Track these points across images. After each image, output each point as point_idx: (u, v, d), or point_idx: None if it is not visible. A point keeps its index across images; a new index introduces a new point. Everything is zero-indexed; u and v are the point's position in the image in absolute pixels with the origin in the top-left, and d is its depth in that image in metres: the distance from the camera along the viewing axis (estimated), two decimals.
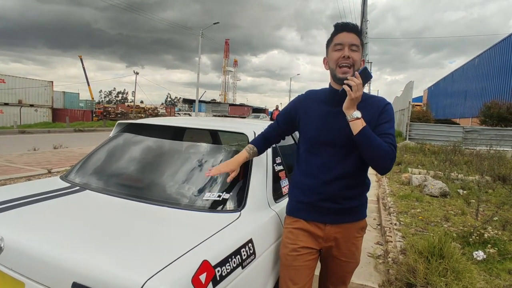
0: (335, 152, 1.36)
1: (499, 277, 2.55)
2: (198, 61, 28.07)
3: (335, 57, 1.33)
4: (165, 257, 1.02)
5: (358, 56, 1.32)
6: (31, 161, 6.87)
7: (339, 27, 1.34)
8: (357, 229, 1.45)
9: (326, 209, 1.38)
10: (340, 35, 1.33)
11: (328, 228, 1.40)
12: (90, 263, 1.00)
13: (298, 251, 1.39)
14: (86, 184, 1.72)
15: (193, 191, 1.55)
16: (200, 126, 2.02)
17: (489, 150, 9.21)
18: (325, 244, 1.42)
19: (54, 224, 1.27)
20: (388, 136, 1.30)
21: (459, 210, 4.36)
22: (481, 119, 16.61)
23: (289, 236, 1.44)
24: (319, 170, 1.37)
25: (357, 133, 1.25)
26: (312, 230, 1.41)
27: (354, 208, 1.41)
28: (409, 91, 14.70)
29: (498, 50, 21.95)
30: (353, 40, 1.31)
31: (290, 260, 1.40)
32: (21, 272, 1.09)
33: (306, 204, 1.41)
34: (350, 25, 1.34)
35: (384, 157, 1.25)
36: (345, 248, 1.43)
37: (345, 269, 1.48)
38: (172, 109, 45.11)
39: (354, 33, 1.33)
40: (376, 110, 1.36)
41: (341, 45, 1.31)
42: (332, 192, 1.36)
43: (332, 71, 1.36)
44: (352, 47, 1.31)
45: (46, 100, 22.21)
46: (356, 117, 1.26)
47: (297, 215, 1.44)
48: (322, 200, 1.37)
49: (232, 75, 75.39)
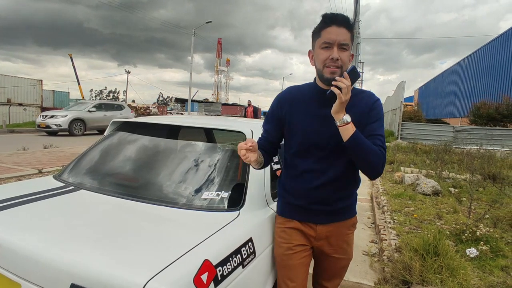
0: (325, 155, 1.30)
1: (492, 273, 2.59)
2: (191, 60, 27.94)
3: (322, 57, 1.21)
4: (166, 257, 1.00)
5: (347, 56, 1.22)
6: (21, 161, 6.73)
7: (328, 20, 1.20)
8: (348, 226, 1.44)
9: (318, 211, 1.37)
10: (328, 30, 1.19)
11: (319, 228, 1.39)
12: (89, 264, 0.98)
13: (293, 249, 1.38)
14: (81, 183, 1.68)
15: (191, 190, 1.53)
16: (197, 125, 2.00)
17: (479, 149, 9.37)
18: (316, 242, 1.41)
19: (50, 224, 1.24)
20: (378, 138, 1.23)
21: (451, 208, 4.42)
22: (470, 119, 16.90)
23: (282, 236, 1.42)
24: (309, 175, 1.32)
25: (348, 139, 1.17)
26: (304, 230, 1.40)
27: (346, 208, 1.41)
28: (401, 91, 14.86)
29: (487, 51, 22.36)
30: (343, 38, 1.18)
31: (286, 259, 1.38)
32: (17, 273, 1.05)
33: (297, 206, 1.39)
34: (340, 18, 1.19)
35: (376, 162, 1.20)
36: (337, 245, 1.42)
37: (338, 265, 1.48)
38: (164, 108, 44.79)
39: (345, 27, 1.19)
40: (365, 107, 1.27)
41: (330, 44, 1.19)
42: (323, 196, 1.34)
43: (319, 70, 1.26)
44: (341, 46, 1.19)
45: (35, 99, 21.81)
46: (346, 121, 1.17)
47: (290, 216, 1.42)
48: (313, 203, 1.35)
49: (225, 75, 75.23)
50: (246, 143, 1.18)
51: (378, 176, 1.26)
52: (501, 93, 16.90)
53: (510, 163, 8.03)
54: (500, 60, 20.04)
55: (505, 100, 15.42)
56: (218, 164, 1.65)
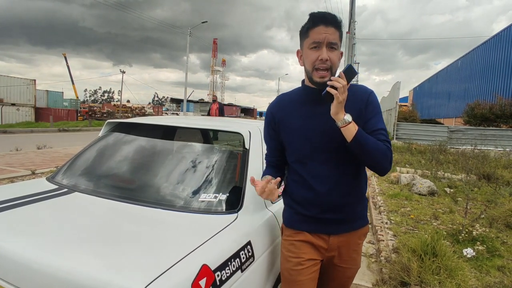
0: (327, 158, 1.24)
1: (489, 274, 2.60)
2: (186, 60, 27.83)
3: (311, 58, 1.18)
4: (163, 262, 0.98)
5: (337, 55, 1.19)
6: (14, 162, 6.63)
7: (316, 19, 1.16)
8: (360, 235, 1.37)
9: (329, 220, 1.28)
10: (317, 30, 1.16)
11: (332, 239, 1.31)
12: (83, 270, 0.94)
13: (303, 265, 1.28)
14: (75, 185, 1.64)
15: (188, 192, 1.50)
16: (193, 125, 1.96)
17: (473, 149, 9.44)
18: (327, 254, 1.34)
19: (42, 229, 1.20)
20: (381, 132, 1.20)
21: (447, 208, 4.44)
22: (465, 119, 17.05)
23: (291, 249, 1.31)
24: (314, 181, 1.25)
25: (352, 140, 1.13)
26: (315, 242, 1.30)
27: (357, 215, 1.33)
28: (396, 91, 14.95)
29: (481, 52, 22.60)
30: (332, 37, 1.16)
31: (295, 275, 1.28)
32: (8, 280, 1.02)
33: (307, 217, 1.29)
34: (328, 17, 1.16)
35: (383, 158, 1.17)
36: (347, 256, 1.35)
37: (346, 275, 1.42)
38: (159, 109, 44.58)
39: (333, 26, 1.16)
40: (361, 102, 1.23)
41: (319, 44, 1.16)
42: (333, 202, 1.26)
43: (308, 72, 1.22)
44: (330, 46, 1.16)
45: (29, 99, 21.56)
46: (348, 121, 1.12)
47: (299, 227, 1.32)
48: (323, 211, 1.27)
49: (221, 75, 75.06)
50: (264, 181, 1.16)
51: (387, 172, 1.22)
52: (495, 94, 17.08)
53: (504, 163, 8.11)
54: (493, 61, 20.26)
55: (499, 100, 15.59)
56: (216, 166, 1.62)
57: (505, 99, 15.60)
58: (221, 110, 10.12)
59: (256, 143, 1.67)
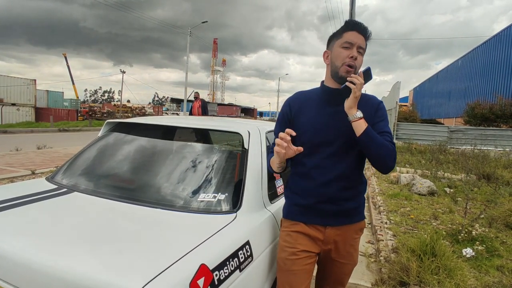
0: (332, 152, 1.33)
1: (488, 273, 2.60)
2: (187, 60, 27.83)
3: (343, 54, 1.29)
4: (161, 262, 0.98)
5: (361, 60, 1.32)
6: (14, 162, 6.64)
7: (351, 25, 1.31)
8: (356, 230, 1.43)
9: (325, 211, 1.35)
10: (350, 33, 1.30)
11: (328, 231, 1.37)
12: (81, 270, 0.95)
13: (297, 255, 1.35)
14: (75, 185, 1.65)
15: (187, 192, 1.51)
16: (193, 125, 1.97)
17: (473, 149, 9.44)
18: (324, 247, 1.39)
19: (41, 229, 1.21)
20: (387, 135, 1.30)
21: (447, 208, 4.44)
22: (465, 119, 17.06)
23: (287, 240, 1.39)
24: (316, 172, 1.34)
25: (361, 134, 1.23)
26: (312, 233, 1.37)
27: (353, 209, 1.39)
28: (396, 91, 14.92)
29: (481, 52, 22.59)
30: (362, 43, 1.30)
31: (289, 265, 1.35)
32: (7, 280, 1.02)
33: (304, 207, 1.37)
34: (362, 26, 1.31)
35: (388, 156, 1.26)
36: (344, 250, 1.40)
37: (343, 271, 1.46)
38: (159, 109, 44.59)
39: (363, 35, 1.31)
40: (371, 108, 1.35)
41: (351, 44, 1.29)
42: (330, 194, 1.33)
43: (336, 68, 1.32)
44: (359, 49, 1.30)
45: (29, 99, 21.59)
46: (359, 116, 1.24)
47: (296, 218, 1.39)
48: (320, 202, 1.34)
49: (221, 75, 75.09)
50: (287, 133, 1.22)
51: (390, 170, 1.31)
52: (495, 93, 17.08)
53: (504, 163, 8.10)
54: (493, 60, 20.26)
55: (499, 100, 15.59)
56: (215, 166, 1.63)
57: (505, 99, 15.61)
58: (204, 108, 9.17)
59: (255, 143, 1.68)
